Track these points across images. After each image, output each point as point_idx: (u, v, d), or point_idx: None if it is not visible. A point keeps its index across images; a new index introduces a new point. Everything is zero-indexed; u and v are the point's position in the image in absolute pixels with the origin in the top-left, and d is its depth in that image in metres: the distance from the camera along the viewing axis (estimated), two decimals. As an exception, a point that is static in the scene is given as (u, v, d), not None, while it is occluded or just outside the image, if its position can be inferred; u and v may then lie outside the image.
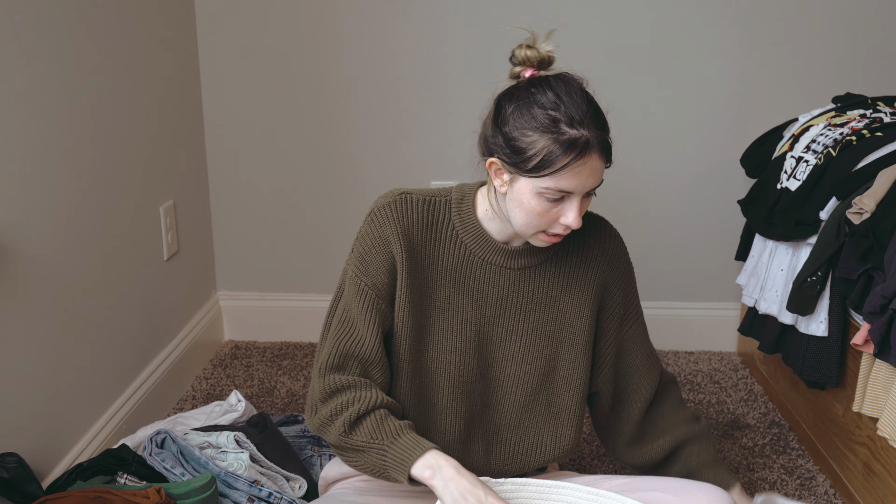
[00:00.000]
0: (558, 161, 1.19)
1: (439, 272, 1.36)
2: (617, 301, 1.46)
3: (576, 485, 1.28)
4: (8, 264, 1.57)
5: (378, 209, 1.35)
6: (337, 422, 1.29)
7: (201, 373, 2.47)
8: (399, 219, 1.33)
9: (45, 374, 1.71)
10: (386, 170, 2.59)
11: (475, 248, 1.36)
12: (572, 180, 1.21)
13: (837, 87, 2.44)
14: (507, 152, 1.24)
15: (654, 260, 2.63)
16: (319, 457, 1.91)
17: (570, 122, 1.20)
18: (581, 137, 1.19)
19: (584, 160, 1.20)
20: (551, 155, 1.19)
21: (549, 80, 1.25)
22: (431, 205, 1.36)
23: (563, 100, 1.22)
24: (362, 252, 1.35)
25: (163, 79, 2.26)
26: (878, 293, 1.57)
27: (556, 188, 1.22)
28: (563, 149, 1.19)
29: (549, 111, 1.20)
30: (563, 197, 1.23)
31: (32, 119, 1.66)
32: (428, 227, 1.35)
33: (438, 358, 1.37)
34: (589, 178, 1.22)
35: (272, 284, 2.71)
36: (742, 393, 2.39)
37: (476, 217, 1.36)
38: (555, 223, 1.26)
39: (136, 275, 2.11)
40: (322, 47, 2.50)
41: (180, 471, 1.63)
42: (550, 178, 1.21)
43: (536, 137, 1.20)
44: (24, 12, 1.63)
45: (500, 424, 1.42)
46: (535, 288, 1.38)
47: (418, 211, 1.34)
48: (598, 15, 2.45)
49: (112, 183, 1.98)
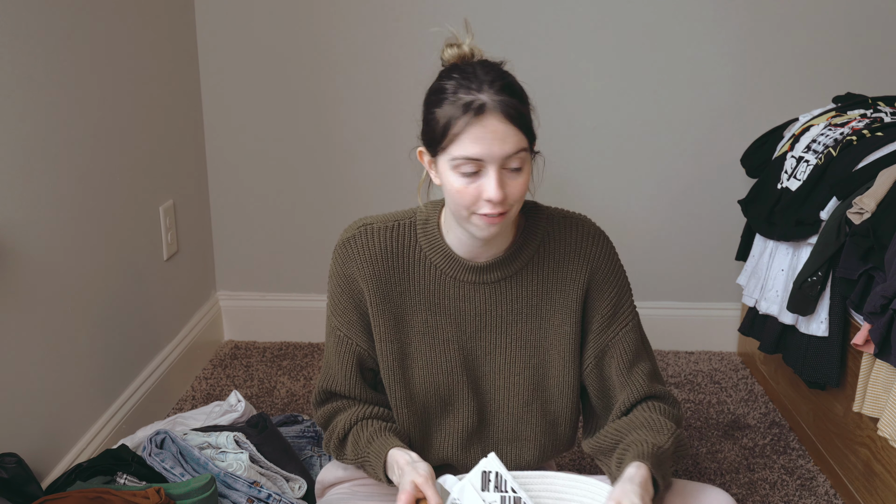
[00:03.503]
0: (456, 125, 1.20)
1: (414, 297, 1.35)
2: (602, 303, 1.37)
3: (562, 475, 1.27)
4: (8, 264, 1.57)
5: (339, 246, 1.35)
6: (331, 446, 1.41)
7: (201, 373, 2.47)
8: (360, 253, 1.33)
9: (45, 374, 1.70)
10: (384, 170, 2.58)
11: (445, 268, 1.34)
12: (475, 145, 1.19)
13: (838, 86, 2.44)
14: (425, 136, 1.26)
15: (654, 260, 2.63)
16: (319, 457, 1.91)
17: (466, 89, 1.21)
18: (475, 100, 1.19)
19: (481, 121, 1.19)
20: (450, 121, 1.20)
21: (455, 65, 1.26)
22: (395, 230, 1.34)
23: (465, 74, 1.23)
24: (332, 292, 1.38)
25: (163, 79, 2.26)
26: (878, 293, 1.57)
27: (463, 156, 1.20)
28: (460, 112, 1.20)
29: (448, 84, 1.22)
30: (478, 170, 1.21)
31: (32, 119, 1.66)
32: (394, 255, 1.34)
33: (426, 381, 1.37)
34: (493, 142, 1.20)
35: (272, 284, 2.71)
36: (742, 393, 2.38)
37: (442, 235, 1.34)
38: (479, 201, 1.23)
39: (135, 275, 2.10)
40: (322, 48, 2.50)
41: (180, 471, 1.62)
42: (456, 146, 1.20)
43: (439, 110, 1.22)
44: (24, 12, 1.63)
45: (499, 438, 1.41)
46: (514, 299, 1.35)
47: (381, 240, 1.34)
48: (598, 15, 2.45)
49: (112, 183, 1.98)
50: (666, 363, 2.57)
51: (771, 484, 1.95)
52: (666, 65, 2.49)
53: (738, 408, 2.30)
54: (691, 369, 2.54)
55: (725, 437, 2.15)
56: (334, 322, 1.38)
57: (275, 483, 1.69)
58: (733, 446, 2.11)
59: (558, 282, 1.36)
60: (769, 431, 2.18)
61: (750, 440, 2.14)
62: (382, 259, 1.33)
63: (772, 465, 2.03)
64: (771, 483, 1.96)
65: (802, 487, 1.94)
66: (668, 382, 2.44)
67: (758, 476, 1.98)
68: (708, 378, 2.48)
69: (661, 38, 2.47)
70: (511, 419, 1.40)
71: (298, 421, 2.04)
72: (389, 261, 1.33)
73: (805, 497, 1.91)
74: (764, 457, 2.06)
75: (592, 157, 2.54)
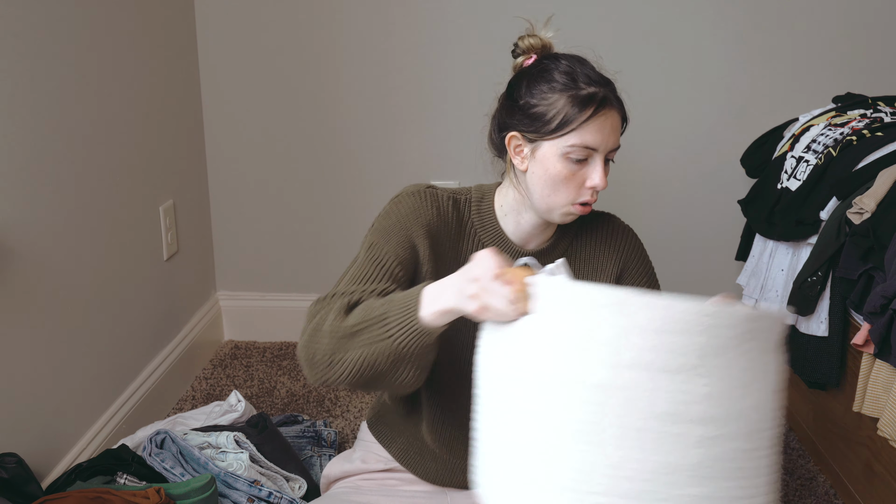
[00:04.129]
0: (580, 116, 1.24)
1: (458, 266, 1.36)
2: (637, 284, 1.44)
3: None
4: (8, 264, 1.57)
5: (407, 195, 1.34)
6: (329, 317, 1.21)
7: (201, 373, 2.47)
8: (427, 209, 1.34)
9: (45, 374, 1.70)
10: (386, 170, 2.58)
11: (492, 247, 1.36)
12: (596, 135, 1.25)
13: (838, 86, 2.44)
14: (527, 122, 1.28)
15: (654, 260, 2.61)
16: (319, 457, 1.91)
17: (587, 80, 1.26)
18: (599, 92, 1.25)
19: (604, 113, 1.26)
20: (573, 110, 1.24)
21: (558, 54, 1.31)
22: (455, 202, 1.38)
23: (575, 65, 1.28)
24: (387, 227, 1.31)
25: (163, 79, 2.26)
26: (878, 293, 1.57)
27: (581, 144, 1.25)
28: (584, 103, 1.24)
29: (565, 73, 1.26)
30: (587, 158, 1.27)
31: (32, 119, 1.66)
32: (451, 223, 1.36)
33: (454, 352, 1.38)
34: (611, 134, 1.27)
35: (272, 284, 2.71)
36: (742, 393, 2.38)
37: (495, 216, 1.38)
38: (581, 188, 1.29)
39: (136, 275, 2.10)
40: (322, 47, 2.50)
41: (180, 471, 1.63)
42: (575, 134, 1.25)
43: (556, 97, 1.25)
44: (24, 12, 1.63)
45: None
46: None
47: (443, 205, 1.36)
48: (598, 14, 2.45)
49: (112, 183, 1.98)
50: (666, 363, 2.57)
51: (771, 484, 1.96)
52: (666, 65, 2.49)
53: (738, 408, 2.30)
54: (691, 369, 2.53)
55: (725, 437, 2.15)
56: (383, 249, 1.28)
57: (275, 483, 1.69)
58: (733, 446, 2.11)
59: (591, 273, 1.41)
60: (769, 431, 2.18)
61: (750, 440, 2.14)
62: (442, 223, 1.35)
63: (772, 465, 2.03)
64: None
65: (802, 487, 1.94)
66: (668, 382, 2.44)
67: (758, 476, 1.99)
68: (708, 378, 2.48)
69: (661, 37, 2.47)
70: None
71: (298, 421, 2.04)
72: (447, 227, 1.36)
73: (805, 497, 1.91)
74: (764, 457, 2.07)
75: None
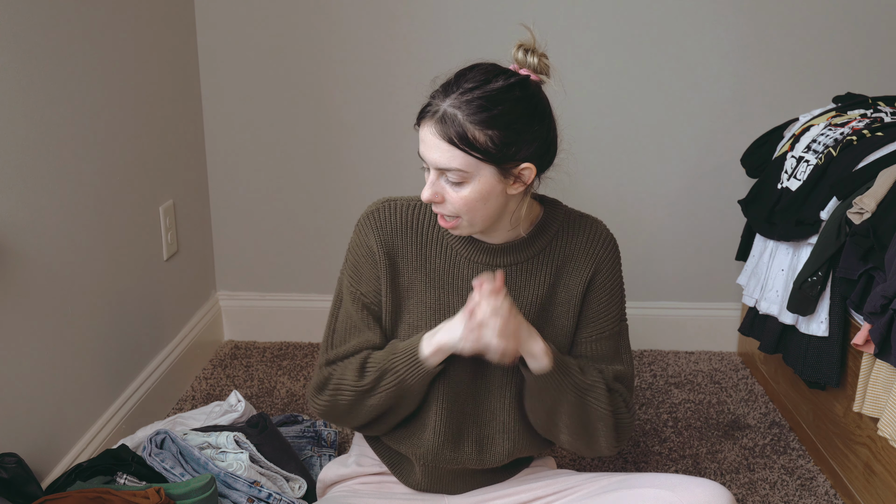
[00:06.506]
0: (418, 124, 1.26)
1: (426, 274, 1.37)
2: (592, 304, 1.40)
3: None
4: (8, 264, 1.57)
5: (361, 219, 1.40)
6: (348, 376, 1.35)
7: (201, 373, 2.47)
8: (380, 226, 1.37)
9: (45, 374, 1.70)
10: (385, 170, 2.58)
11: (460, 249, 1.37)
12: (421, 145, 1.26)
13: (838, 86, 2.44)
14: None
15: (654, 260, 2.63)
16: (319, 457, 1.91)
17: (442, 91, 1.25)
18: (429, 104, 1.24)
19: (422, 126, 1.25)
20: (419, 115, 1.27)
21: (476, 64, 1.30)
22: (415, 209, 1.38)
23: (455, 75, 1.27)
24: (354, 262, 1.40)
25: (163, 79, 2.26)
26: (878, 293, 1.57)
27: (420, 150, 1.26)
28: (419, 112, 1.26)
29: (444, 81, 1.27)
30: (429, 168, 1.26)
31: (32, 119, 1.65)
32: (411, 232, 1.37)
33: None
34: (430, 149, 1.24)
35: (272, 284, 2.71)
36: (742, 393, 2.38)
37: None
38: None
39: (135, 275, 2.10)
40: (322, 48, 2.50)
41: (180, 471, 1.62)
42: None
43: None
44: (24, 12, 1.62)
45: (493, 422, 1.42)
46: (522, 287, 1.38)
47: (399, 216, 1.37)
48: (598, 15, 2.45)
49: (112, 183, 1.98)
50: (666, 363, 2.57)
51: (771, 484, 1.95)
52: (666, 65, 2.49)
53: (738, 408, 2.30)
54: (691, 369, 2.54)
55: (725, 437, 2.15)
56: (358, 291, 1.39)
57: (275, 483, 1.69)
58: (733, 446, 2.11)
59: (564, 276, 1.39)
60: (769, 431, 2.18)
61: (750, 440, 2.14)
62: (399, 234, 1.37)
63: (772, 465, 2.03)
64: (771, 483, 1.96)
65: (802, 487, 1.94)
66: (668, 382, 2.44)
67: (758, 476, 1.98)
68: (708, 378, 2.48)
69: (662, 37, 2.47)
70: (508, 404, 1.41)
71: (298, 421, 2.04)
72: (406, 237, 1.37)
73: (805, 497, 1.91)
74: (764, 457, 2.06)
75: (592, 157, 2.54)
